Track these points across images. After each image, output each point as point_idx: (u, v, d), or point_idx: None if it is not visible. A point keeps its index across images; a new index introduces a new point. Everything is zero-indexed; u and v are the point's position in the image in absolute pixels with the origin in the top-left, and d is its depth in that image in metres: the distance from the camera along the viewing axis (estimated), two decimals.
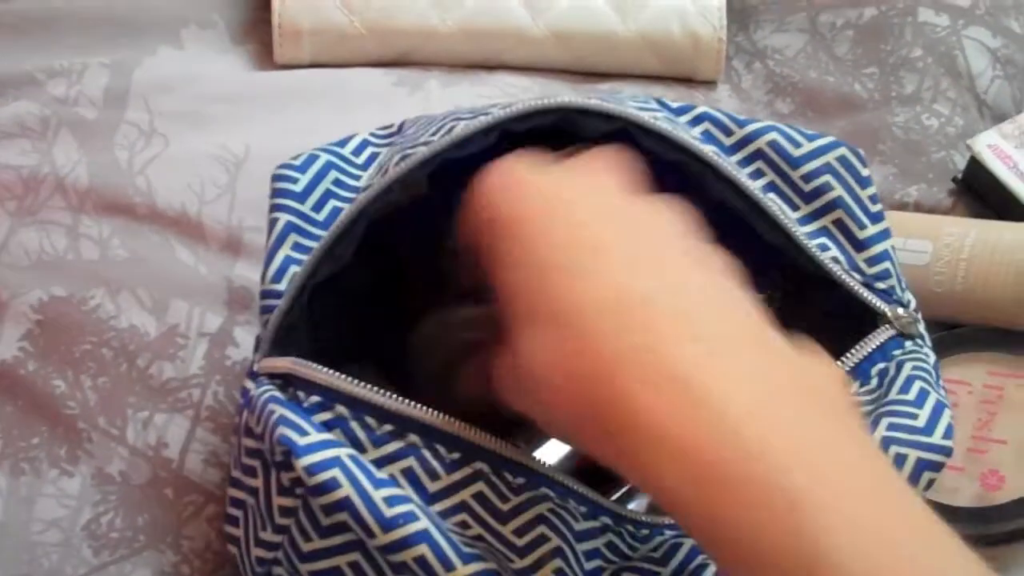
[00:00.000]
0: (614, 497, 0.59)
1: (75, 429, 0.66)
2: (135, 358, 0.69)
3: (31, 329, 0.69)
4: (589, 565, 0.51)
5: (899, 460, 0.51)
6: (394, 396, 0.51)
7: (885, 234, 0.59)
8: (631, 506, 0.58)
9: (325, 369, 0.51)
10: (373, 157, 0.61)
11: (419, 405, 0.51)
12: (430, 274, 0.69)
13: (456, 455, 0.51)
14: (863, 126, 0.84)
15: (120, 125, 0.78)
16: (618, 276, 0.43)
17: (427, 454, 0.51)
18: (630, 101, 0.59)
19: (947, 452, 0.52)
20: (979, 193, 0.80)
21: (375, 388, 0.51)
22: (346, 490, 0.48)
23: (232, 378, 0.68)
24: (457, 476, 0.51)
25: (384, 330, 0.67)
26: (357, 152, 0.61)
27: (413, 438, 0.51)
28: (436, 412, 0.51)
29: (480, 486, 0.51)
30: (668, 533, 0.54)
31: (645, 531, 0.54)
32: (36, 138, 0.77)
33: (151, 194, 0.75)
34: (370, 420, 0.51)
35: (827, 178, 0.59)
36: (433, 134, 0.56)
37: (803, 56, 0.88)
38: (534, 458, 0.52)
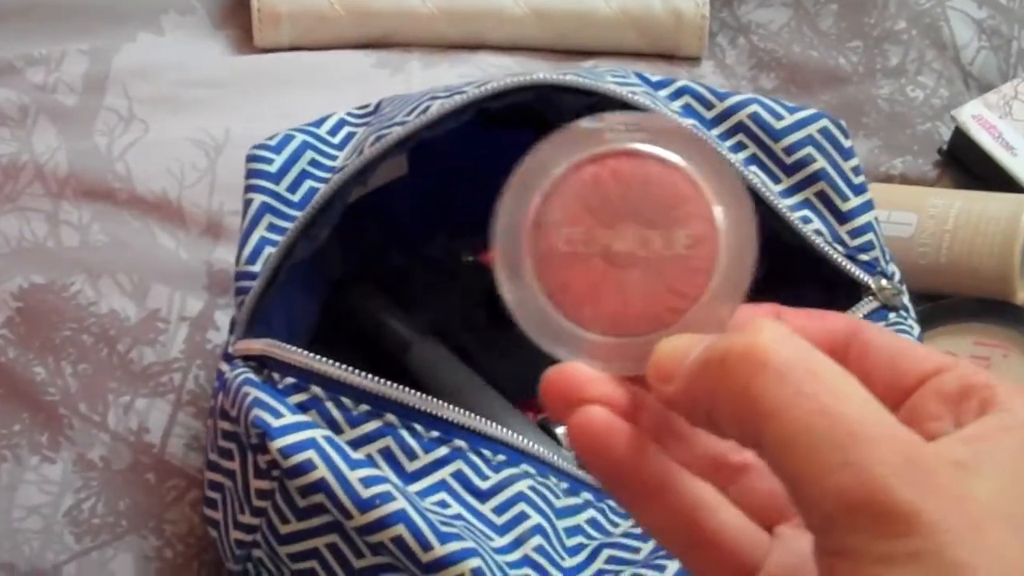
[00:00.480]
0: None
1: (56, 415, 0.66)
2: (116, 343, 0.68)
3: (11, 316, 0.69)
4: (570, 542, 0.51)
5: None
6: (370, 376, 0.50)
7: (868, 206, 0.59)
8: None
9: (300, 350, 0.51)
10: (350, 136, 0.60)
11: (396, 384, 0.50)
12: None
13: (435, 433, 0.51)
14: (848, 99, 0.84)
15: (99, 111, 0.78)
16: None
17: (404, 433, 0.50)
18: (609, 75, 0.58)
19: None
20: (964, 164, 0.80)
21: (350, 368, 0.50)
22: (321, 471, 0.47)
23: (213, 362, 0.68)
24: (436, 455, 0.50)
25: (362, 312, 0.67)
26: (333, 132, 0.60)
27: (390, 417, 0.50)
28: (413, 391, 0.51)
29: (459, 464, 0.50)
30: None
31: None
32: (15, 126, 0.77)
33: (131, 179, 0.74)
34: (346, 400, 0.50)
35: (809, 150, 0.58)
36: (408, 114, 0.55)
37: (787, 31, 0.88)
38: (514, 435, 0.52)
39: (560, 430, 0.61)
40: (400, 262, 0.69)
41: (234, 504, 0.53)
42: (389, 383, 0.50)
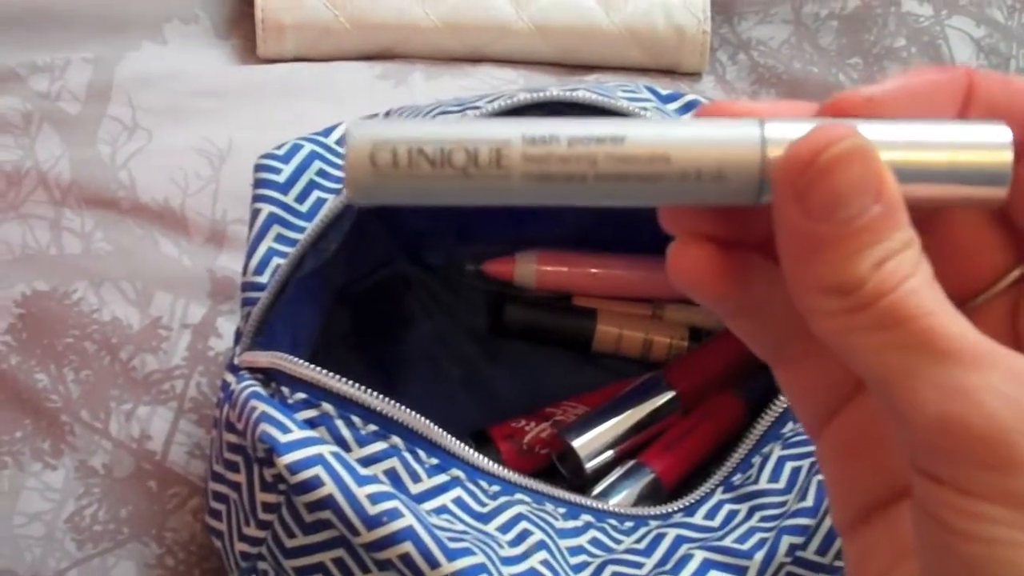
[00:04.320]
0: (595, 493, 0.59)
1: (58, 422, 0.66)
2: (118, 351, 0.68)
3: (13, 323, 0.69)
4: (574, 560, 0.51)
5: None
6: (380, 396, 0.50)
7: None
8: (613, 501, 0.58)
9: (310, 365, 0.51)
10: None
11: (402, 407, 0.51)
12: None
13: (434, 460, 0.51)
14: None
15: (103, 120, 0.78)
16: None
17: (408, 457, 0.50)
18: (620, 91, 0.59)
19: None
20: None
21: (362, 387, 0.50)
22: (329, 488, 0.47)
23: (216, 368, 0.68)
24: (436, 480, 0.51)
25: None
26: (341, 142, 0.60)
27: (395, 440, 0.50)
28: (417, 415, 0.51)
29: (458, 491, 0.51)
30: (652, 523, 0.54)
31: (629, 523, 0.54)
32: (19, 133, 0.77)
33: (134, 187, 0.75)
34: (356, 419, 0.50)
35: None
36: None
37: (787, 47, 0.88)
38: (504, 470, 0.52)
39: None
40: (403, 269, 0.70)
41: (239, 516, 0.53)
42: (396, 404, 0.51)
